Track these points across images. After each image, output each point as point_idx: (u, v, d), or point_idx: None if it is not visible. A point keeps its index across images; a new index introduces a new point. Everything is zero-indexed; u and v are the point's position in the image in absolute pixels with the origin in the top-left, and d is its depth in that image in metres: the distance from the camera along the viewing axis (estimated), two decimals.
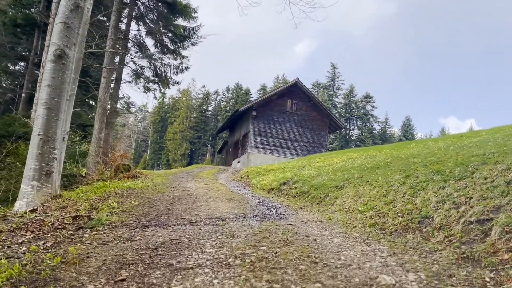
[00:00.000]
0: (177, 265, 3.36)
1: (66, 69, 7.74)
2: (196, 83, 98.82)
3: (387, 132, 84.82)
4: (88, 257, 3.50)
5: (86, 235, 4.36)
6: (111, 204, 6.55)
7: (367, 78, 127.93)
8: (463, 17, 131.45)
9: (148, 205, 6.79)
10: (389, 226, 4.94)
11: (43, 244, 3.95)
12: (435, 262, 3.53)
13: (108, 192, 8.16)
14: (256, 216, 6.29)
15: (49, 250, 3.73)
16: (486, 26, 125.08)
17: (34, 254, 3.52)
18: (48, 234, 4.62)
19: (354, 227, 5.16)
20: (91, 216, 5.32)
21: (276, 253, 3.68)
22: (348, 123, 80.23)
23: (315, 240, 4.28)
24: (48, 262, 3.28)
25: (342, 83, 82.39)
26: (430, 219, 4.67)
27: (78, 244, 3.93)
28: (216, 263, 3.41)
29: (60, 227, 5.08)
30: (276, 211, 7.14)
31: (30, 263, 3.29)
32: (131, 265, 3.33)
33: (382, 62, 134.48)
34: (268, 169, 16.37)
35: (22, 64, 26.30)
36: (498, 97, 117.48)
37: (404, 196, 5.92)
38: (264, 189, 11.76)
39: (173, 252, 3.74)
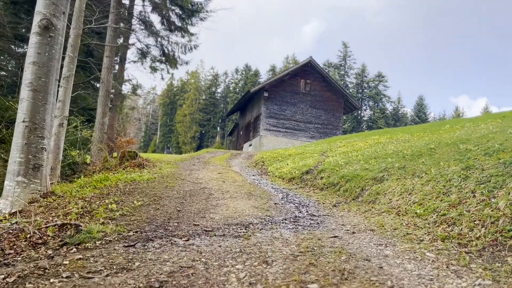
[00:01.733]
0: None
1: (54, 43, 6.52)
2: (204, 64, 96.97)
3: (399, 112, 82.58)
4: None
5: (67, 261, 3.21)
6: (109, 205, 5.42)
7: (379, 58, 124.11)
8: None
9: (154, 206, 5.65)
10: (472, 241, 3.71)
11: (4, 279, 2.82)
12: None
13: (109, 187, 7.05)
14: (285, 220, 5.11)
15: None
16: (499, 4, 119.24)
17: None
18: (20, 255, 3.50)
19: (421, 240, 3.94)
20: (80, 227, 4.18)
21: None
22: (360, 103, 78.16)
23: (381, 267, 3.07)
24: None
25: (354, 63, 79.88)
26: None
27: (51, 280, 2.78)
28: None
29: (40, 241, 3.96)
30: (307, 210, 5.95)
31: None
32: None
33: (393, 41, 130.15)
34: (285, 154, 15.16)
35: (26, 46, 25.16)
36: (510, 75, 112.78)
37: (474, 195, 4.66)
38: (283, 179, 10.57)
39: None
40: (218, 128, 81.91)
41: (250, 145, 32.79)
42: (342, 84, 76.24)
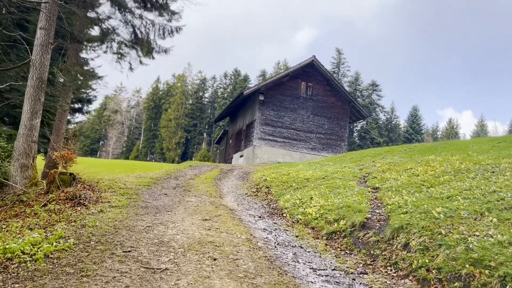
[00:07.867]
0: None
1: None
2: (192, 68, 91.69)
3: (392, 123, 79.04)
4: None
5: None
6: None
7: (371, 67, 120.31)
8: (467, 8, 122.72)
9: None
10: None
11: None
12: None
13: None
14: None
15: None
16: (490, 15, 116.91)
17: None
18: None
19: None
20: None
21: None
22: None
23: None
24: None
25: (348, 70, 75.80)
26: None
27: None
28: None
29: None
30: None
31: None
32: None
33: (385, 53, 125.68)
34: (299, 178, 10.67)
35: None
36: (494, 89, 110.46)
37: None
38: (315, 230, 6.13)
39: None
40: (205, 134, 77.12)
41: (241, 156, 28.26)
42: None
